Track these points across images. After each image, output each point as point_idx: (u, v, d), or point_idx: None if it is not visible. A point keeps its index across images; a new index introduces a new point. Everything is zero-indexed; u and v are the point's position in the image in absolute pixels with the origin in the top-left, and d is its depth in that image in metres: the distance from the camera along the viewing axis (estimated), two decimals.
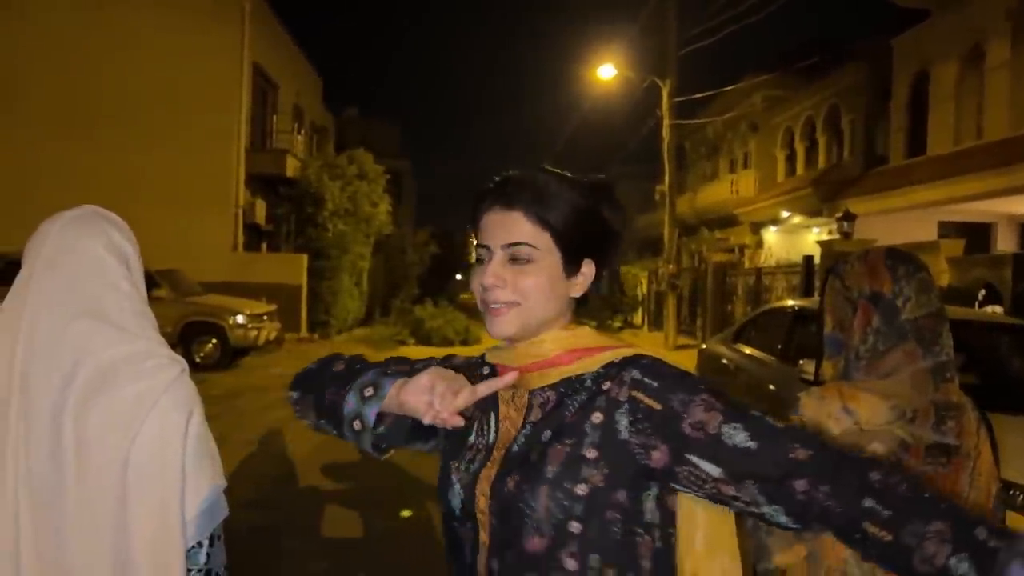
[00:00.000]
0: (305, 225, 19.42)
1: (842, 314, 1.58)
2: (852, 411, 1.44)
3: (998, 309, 9.86)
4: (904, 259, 1.56)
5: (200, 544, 1.30)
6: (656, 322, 23.19)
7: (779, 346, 5.80)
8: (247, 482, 6.12)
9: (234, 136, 17.92)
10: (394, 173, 25.07)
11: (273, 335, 14.45)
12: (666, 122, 19.82)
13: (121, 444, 1.21)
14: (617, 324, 26.65)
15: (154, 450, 1.23)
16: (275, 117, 22.15)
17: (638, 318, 27.00)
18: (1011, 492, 3.58)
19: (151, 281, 10.50)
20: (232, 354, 13.15)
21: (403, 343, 18.02)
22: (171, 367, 1.29)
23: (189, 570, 1.28)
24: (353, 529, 5.29)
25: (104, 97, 16.85)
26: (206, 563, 1.31)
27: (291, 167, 19.68)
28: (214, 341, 12.87)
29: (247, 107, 18.49)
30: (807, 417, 1.46)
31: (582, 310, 1.25)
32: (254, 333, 13.41)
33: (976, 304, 10.27)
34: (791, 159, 24.53)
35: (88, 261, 1.28)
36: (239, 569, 1.48)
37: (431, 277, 26.03)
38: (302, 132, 25.25)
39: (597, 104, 27.08)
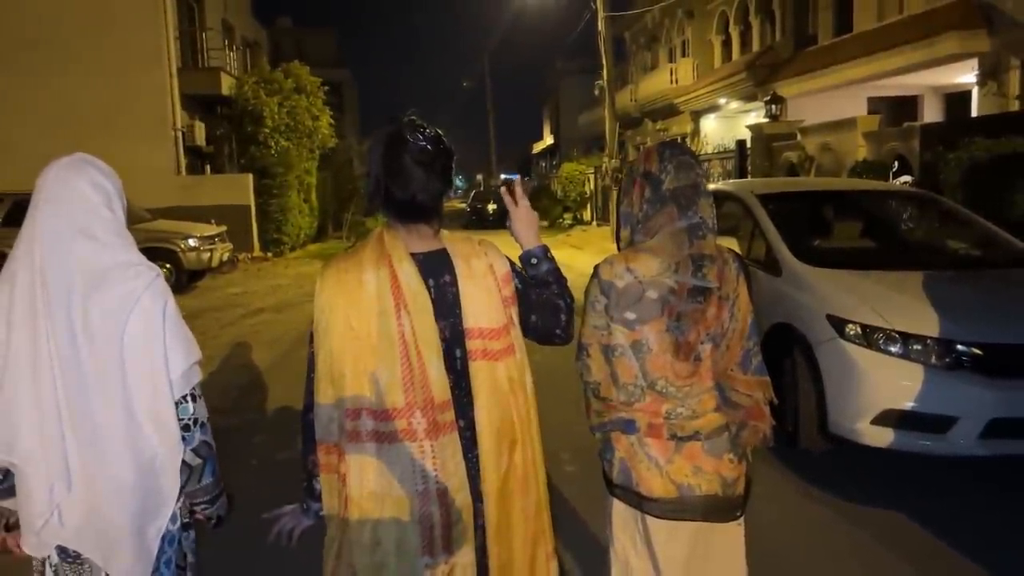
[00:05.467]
0: (246, 144, 19.26)
1: (630, 192, 2.05)
2: (633, 269, 1.95)
3: (909, 179, 10.49)
4: (671, 147, 2.06)
5: (185, 399, 1.77)
6: (604, 217, 23.71)
7: None
8: (215, 391, 6.54)
9: (163, 56, 17.47)
10: (333, 84, 24.66)
11: (226, 256, 14.63)
12: (601, 14, 19.82)
13: (116, 329, 1.67)
14: (568, 221, 27.16)
15: (141, 332, 1.68)
16: (204, 34, 21.54)
17: (587, 214, 27.51)
18: (875, 333, 4.17)
19: None
20: (188, 277, 13.38)
21: None
22: (149, 272, 1.75)
23: (181, 419, 1.75)
24: None
25: (24, 25, 16.26)
26: (193, 414, 1.79)
27: (226, 85, 19.32)
28: (168, 266, 13.03)
29: (173, 24, 17.96)
30: (603, 279, 1.96)
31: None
32: (207, 255, 13.61)
33: (890, 175, 10.88)
34: (727, 44, 24.67)
35: (77, 196, 1.72)
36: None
37: None
38: (234, 48, 24.59)
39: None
